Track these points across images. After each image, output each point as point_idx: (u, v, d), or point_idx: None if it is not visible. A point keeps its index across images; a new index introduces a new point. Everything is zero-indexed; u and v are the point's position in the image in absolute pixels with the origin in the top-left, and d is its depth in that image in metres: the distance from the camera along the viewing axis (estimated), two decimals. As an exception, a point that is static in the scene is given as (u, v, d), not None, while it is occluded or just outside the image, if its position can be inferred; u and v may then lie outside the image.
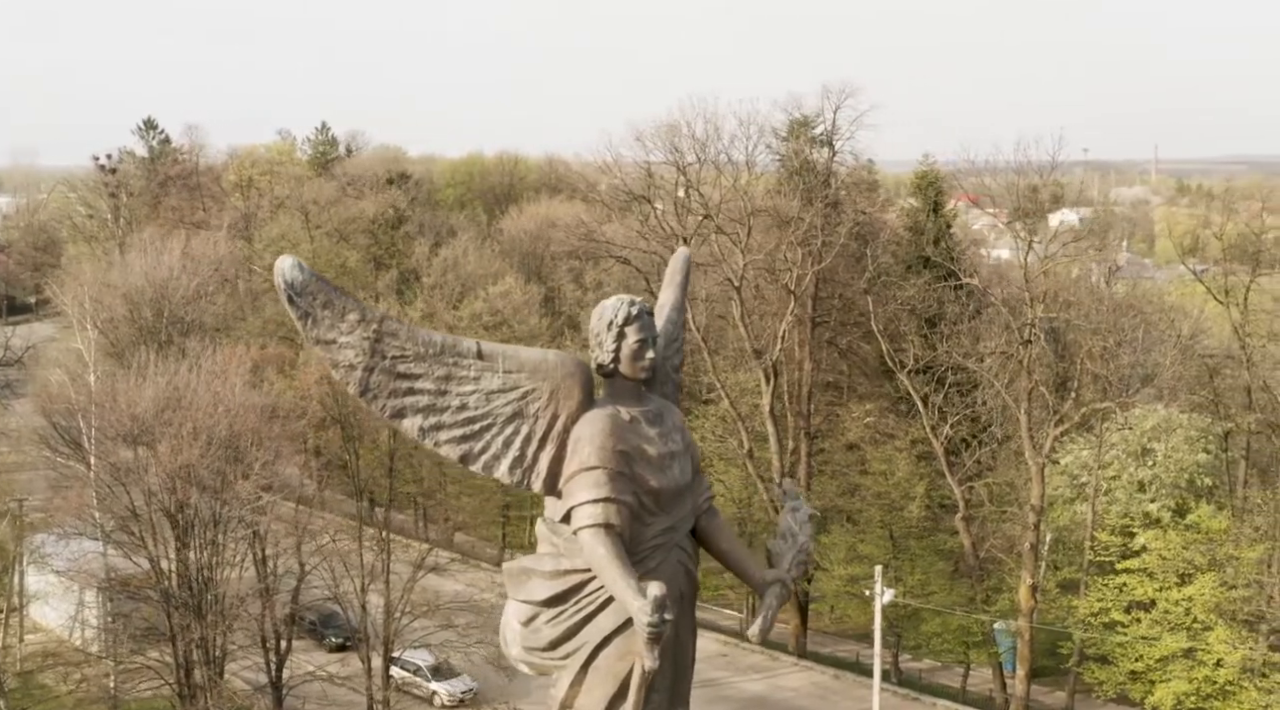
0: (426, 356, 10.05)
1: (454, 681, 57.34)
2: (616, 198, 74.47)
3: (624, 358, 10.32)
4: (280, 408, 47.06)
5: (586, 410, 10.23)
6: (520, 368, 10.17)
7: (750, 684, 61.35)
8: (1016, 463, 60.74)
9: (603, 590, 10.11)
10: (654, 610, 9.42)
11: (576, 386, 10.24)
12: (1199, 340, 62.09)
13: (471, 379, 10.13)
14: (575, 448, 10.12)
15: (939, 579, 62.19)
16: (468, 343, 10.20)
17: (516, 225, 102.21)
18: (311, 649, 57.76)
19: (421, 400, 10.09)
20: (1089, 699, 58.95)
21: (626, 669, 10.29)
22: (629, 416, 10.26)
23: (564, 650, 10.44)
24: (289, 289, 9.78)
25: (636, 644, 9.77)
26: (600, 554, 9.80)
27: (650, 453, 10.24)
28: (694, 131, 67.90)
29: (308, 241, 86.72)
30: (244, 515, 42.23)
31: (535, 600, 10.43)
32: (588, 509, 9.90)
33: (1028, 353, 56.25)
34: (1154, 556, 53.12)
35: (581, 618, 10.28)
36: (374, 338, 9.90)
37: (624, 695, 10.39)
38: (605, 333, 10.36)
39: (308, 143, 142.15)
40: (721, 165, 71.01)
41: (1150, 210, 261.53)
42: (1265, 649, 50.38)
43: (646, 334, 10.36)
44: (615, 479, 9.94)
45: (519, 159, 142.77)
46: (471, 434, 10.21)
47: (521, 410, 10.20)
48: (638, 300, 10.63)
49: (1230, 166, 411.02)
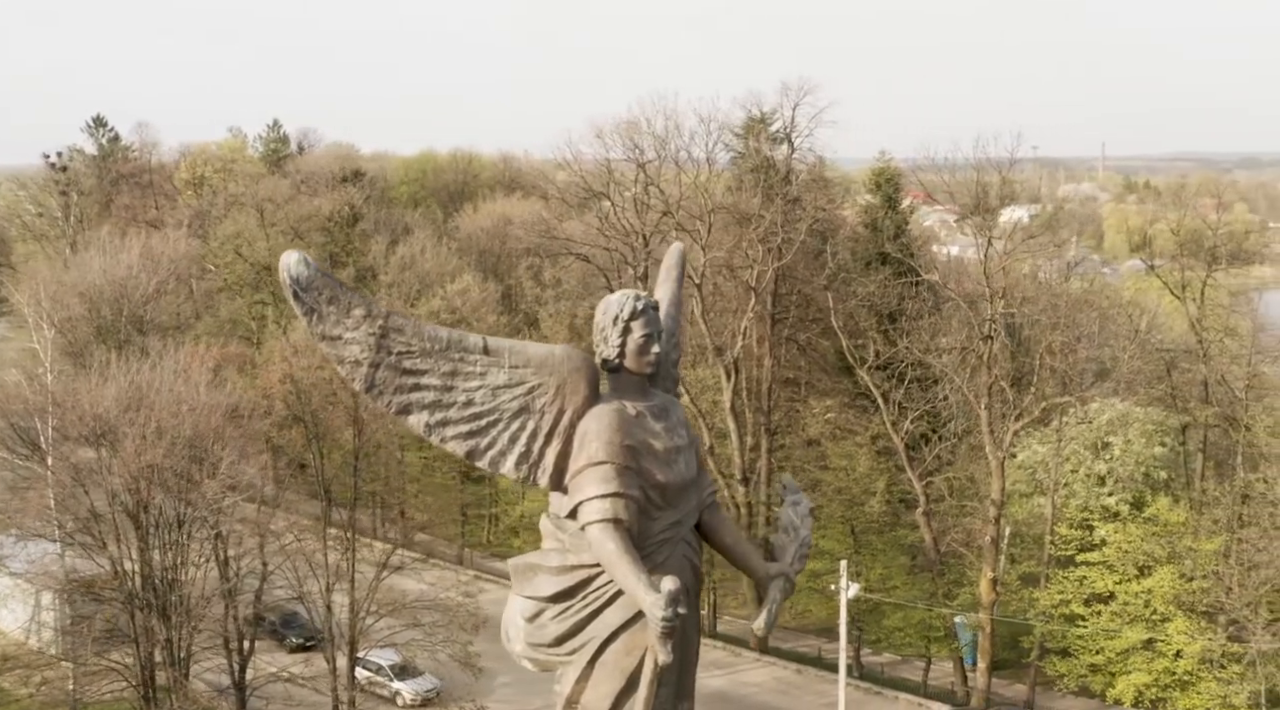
0: (432, 352, 9.99)
1: (417, 681, 57.10)
2: (575, 194, 74.32)
3: (629, 352, 10.31)
4: (242, 407, 46.68)
5: (592, 405, 10.20)
6: (526, 363, 10.13)
7: (712, 680, 61.30)
8: (976, 457, 61.13)
9: (610, 585, 10.10)
10: (668, 604, 9.42)
11: (582, 381, 10.21)
12: (1155, 335, 62.67)
13: (478, 374, 10.09)
14: (582, 443, 10.10)
15: (900, 574, 62.55)
16: (474, 338, 10.15)
17: (473, 223, 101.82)
18: (272, 650, 57.35)
19: (428, 396, 10.04)
20: (1050, 692, 59.42)
21: (634, 664, 10.29)
22: (635, 411, 10.24)
23: (570, 646, 10.43)
24: (294, 284, 9.69)
25: (650, 638, 9.77)
26: (610, 549, 9.78)
27: (657, 447, 10.23)
28: (654, 128, 68.00)
29: (264, 240, 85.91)
30: (208, 515, 41.85)
31: (541, 596, 10.40)
32: (596, 504, 9.88)
33: (988, 348, 56.62)
34: (1114, 549, 53.60)
35: (588, 613, 10.26)
36: (380, 333, 9.83)
37: (631, 690, 10.38)
38: (611, 327, 10.34)
39: (259, 140, 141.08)
40: (682, 162, 71.08)
41: (1099, 207, 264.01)
42: (1224, 640, 50.96)
43: (652, 328, 10.34)
44: (623, 474, 9.92)
45: (473, 156, 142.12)
46: (478, 430, 10.18)
47: (528, 406, 10.16)
48: (643, 295, 10.61)
49: (1176, 163, 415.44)
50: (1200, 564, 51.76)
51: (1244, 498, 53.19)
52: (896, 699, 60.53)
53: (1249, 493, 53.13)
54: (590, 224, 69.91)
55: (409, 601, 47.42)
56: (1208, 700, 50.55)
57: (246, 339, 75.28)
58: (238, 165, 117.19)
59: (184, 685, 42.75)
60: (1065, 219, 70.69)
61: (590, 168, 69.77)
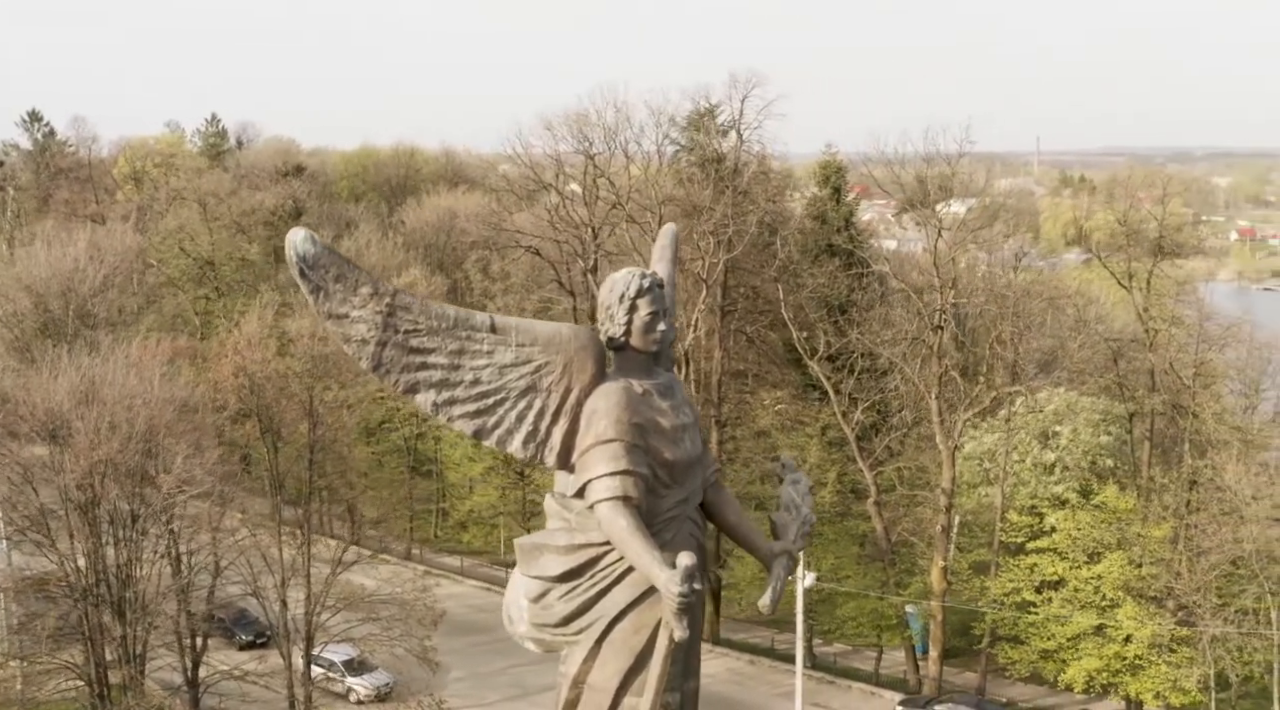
0: (439, 330, 9.86)
1: (370, 676, 56.80)
2: (524, 186, 74.01)
3: (635, 330, 10.24)
4: (194, 401, 46.16)
5: (599, 383, 10.12)
6: (534, 341, 10.04)
7: (666, 672, 61.40)
8: (926, 447, 61.55)
9: (618, 564, 10.04)
10: (683, 580, 9.37)
11: (590, 359, 10.13)
12: (1101, 325, 63.33)
13: (485, 353, 9.97)
14: (590, 421, 10.01)
15: (852, 564, 62.85)
16: (481, 316, 10.04)
17: (418, 217, 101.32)
18: (222, 647, 56.86)
19: (435, 375, 9.91)
20: (1001, 679, 59.98)
21: (642, 642, 10.23)
22: (642, 389, 10.18)
23: (577, 626, 10.33)
24: (301, 262, 9.54)
25: (665, 615, 9.70)
26: (621, 526, 9.71)
27: (664, 425, 10.17)
28: (604, 120, 67.83)
29: (207, 234, 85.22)
30: (162, 510, 41.33)
31: (548, 575, 10.30)
32: (605, 482, 9.80)
33: (938, 338, 57.00)
34: (1064, 536, 54.12)
35: (596, 592, 10.18)
36: (387, 311, 9.69)
37: (639, 669, 10.31)
38: (617, 305, 10.27)
39: (198, 135, 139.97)
40: (631, 154, 70.98)
41: (1035, 201, 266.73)
42: (1173, 624, 51.61)
43: (658, 306, 10.30)
44: (632, 451, 9.85)
45: (415, 151, 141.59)
46: (485, 409, 10.06)
47: (535, 384, 10.06)
48: (649, 272, 10.58)
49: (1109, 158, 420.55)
50: (1149, 550, 52.39)
51: (1192, 484, 53.91)
52: (850, 688, 60.91)
53: (1197, 479, 53.86)
54: (540, 216, 69.62)
55: (367, 596, 47.04)
56: (1158, 684, 51.18)
57: (190, 334, 74.41)
58: (178, 160, 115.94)
59: (140, 683, 42.20)
60: (1003, 213, 71.09)
61: (540, 160, 69.49)
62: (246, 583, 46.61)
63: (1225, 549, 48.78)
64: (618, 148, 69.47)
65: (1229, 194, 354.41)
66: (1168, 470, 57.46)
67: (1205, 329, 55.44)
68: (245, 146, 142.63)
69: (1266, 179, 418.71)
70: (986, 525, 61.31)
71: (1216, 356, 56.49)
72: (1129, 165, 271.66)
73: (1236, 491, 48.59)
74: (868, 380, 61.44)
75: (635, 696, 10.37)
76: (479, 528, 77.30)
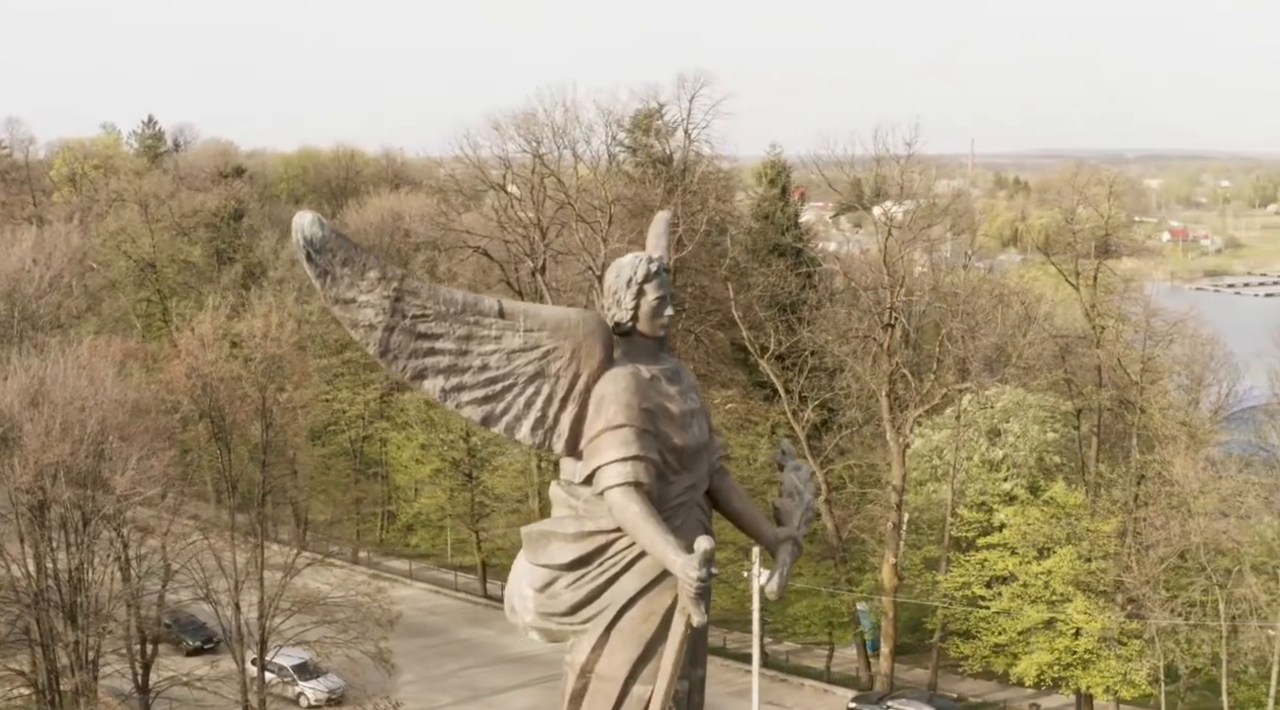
0: (447, 315, 9.72)
1: (321, 680, 56.32)
2: (472, 186, 73.68)
3: (643, 315, 10.17)
4: (145, 402, 45.52)
5: (607, 369, 10.03)
6: (542, 326, 9.92)
7: (618, 672, 61.27)
8: (876, 445, 61.85)
9: (627, 551, 9.97)
10: (701, 565, 9.34)
11: (598, 345, 10.02)
12: (1048, 322, 63.91)
13: (493, 338, 9.84)
14: (599, 406, 9.91)
15: (804, 561, 62.94)
16: (489, 301, 9.90)
17: (361, 218, 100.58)
18: (169, 653, 56.14)
19: (443, 361, 9.76)
20: (953, 675, 60.38)
21: (651, 630, 10.17)
22: (650, 375, 10.10)
23: (585, 614, 10.23)
24: (308, 245, 9.33)
25: (682, 600, 9.65)
26: (634, 512, 9.64)
27: (673, 410, 10.11)
28: (553, 119, 67.62)
29: (149, 236, 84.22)
30: (116, 513, 40.72)
31: (556, 564, 10.19)
32: (616, 467, 9.71)
33: (889, 336, 57.30)
34: (1014, 532, 54.53)
35: (605, 580, 10.09)
36: (394, 296, 9.53)
37: (648, 657, 10.25)
38: (624, 290, 10.18)
39: (134, 136, 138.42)
40: (580, 153, 70.91)
41: (970, 202, 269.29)
42: (1123, 618, 52.16)
43: (665, 291, 10.23)
44: (642, 437, 9.78)
45: (355, 153, 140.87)
46: (493, 395, 9.92)
47: (543, 370, 9.94)
48: (655, 257, 10.49)
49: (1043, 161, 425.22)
50: (1098, 544, 52.90)
51: (1140, 478, 54.53)
52: (802, 686, 61.09)
53: (1145, 473, 54.47)
54: (489, 217, 69.22)
55: (322, 599, 46.57)
56: (1108, 677, 51.70)
57: (132, 337, 73.40)
58: (115, 161, 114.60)
59: (93, 690, 41.54)
60: (942, 215, 71.71)
61: (488, 161, 69.07)
62: (198, 587, 46.01)
63: (1173, 542, 49.34)
64: (566, 147, 69.37)
65: (1160, 196, 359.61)
66: (1115, 466, 58.13)
67: (1152, 325, 56.12)
68: (183, 148, 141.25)
69: (1197, 181, 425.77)
70: (937, 522, 61.73)
71: (1163, 353, 57.19)
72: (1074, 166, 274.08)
73: (1184, 485, 49.16)
74: (818, 378, 61.65)
75: (644, 685, 10.30)
76: (426, 530, 76.92)
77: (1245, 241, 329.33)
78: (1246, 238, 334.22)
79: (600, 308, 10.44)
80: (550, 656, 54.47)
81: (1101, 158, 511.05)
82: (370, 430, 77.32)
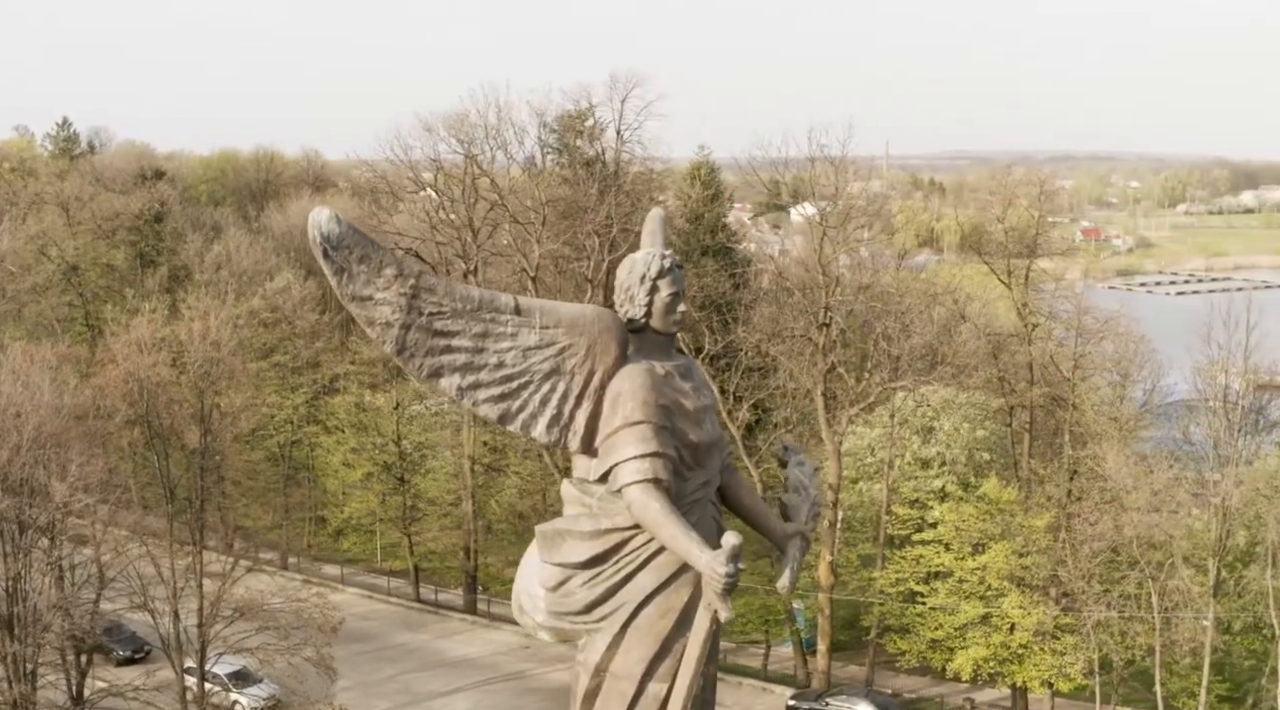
0: (464, 313, 9.62)
1: (257, 688, 55.64)
2: (402, 186, 73.13)
3: (656, 311, 10.13)
4: (83, 408, 44.70)
5: (621, 366, 9.98)
6: (557, 323, 9.86)
7: (557, 674, 61.08)
8: (812, 443, 62.13)
9: (644, 548, 9.94)
10: (729, 560, 9.34)
11: (613, 341, 9.98)
12: (982, 320, 64.68)
13: (509, 335, 9.77)
14: (616, 403, 9.85)
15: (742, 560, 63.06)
16: (505, 298, 9.83)
17: (284, 220, 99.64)
18: (99, 664, 55.12)
19: (459, 359, 9.68)
20: (889, 670, 60.88)
21: (668, 627, 10.13)
22: (664, 371, 10.07)
23: (600, 612, 10.16)
24: (325, 242, 9.20)
25: (709, 596, 9.60)
26: (655, 509, 9.59)
27: (688, 406, 10.09)
28: (485, 120, 67.23)
29: (70, 239, 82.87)
30: (52, 523, 39.92)
31: (572, 562, 10.12)
32: (634, 464, 9.66)
33: (824, 335, 57.63)
34: (948, 528, 55.10)
35: (622, 577, 10.04)
36: (411, 293, 9.43)
37: (664, 654, 10.21)
38: (637, 286, 10.15)
39: (49, 139, 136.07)
40: (513, 154, 70.65)
41: (886, 203, 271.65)
42: (1057, 612, 52.88)
43: (678, 287, 10.20)
44: (660, 433, 9.74)
45: (275, 155, 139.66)
46: (509, 393, 9.85)
47: (559, 367, 9.89)
48: (668, 253, 10.45)
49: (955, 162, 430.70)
50: (1032, 540, 53.57)
51: (1072, 474, 55.30)
52: (740, 685, 61.20)
53: (1077, 469, 55.24)
54: (421, 218, 68.70)
55: (263, 606, 45.95)
56: (1044, 671, 52.37)
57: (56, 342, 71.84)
58: (30, 163, 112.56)
59: (32, 701, 40.70)
60: (873, 215, 72.36)
61: (420, 162, 68.50)
62: (135, 595, 45.25)
63: (1106, 537, 50.05)
64: (499, 148, 69.02)
65: (1072, 196, 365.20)
66: (1047, 462, 58.94)
67: (1084, 323, 56.95)
68: (98, 151, 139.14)
69: (1107, 181, 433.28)
70: (871, 519, 62.19)
71: (1095, 350, 58.05)
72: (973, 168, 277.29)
73: (1117, 480, 49.91)
74: (751, 378, 61.85)
75: (660, 682, 10.26)
76: (357, 535, 76.27)
77: (1155, 241, 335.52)
78: (1156, 237, 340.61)
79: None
80: (488, 660, 54.42)
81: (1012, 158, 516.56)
82: (298, 435, 76.54)
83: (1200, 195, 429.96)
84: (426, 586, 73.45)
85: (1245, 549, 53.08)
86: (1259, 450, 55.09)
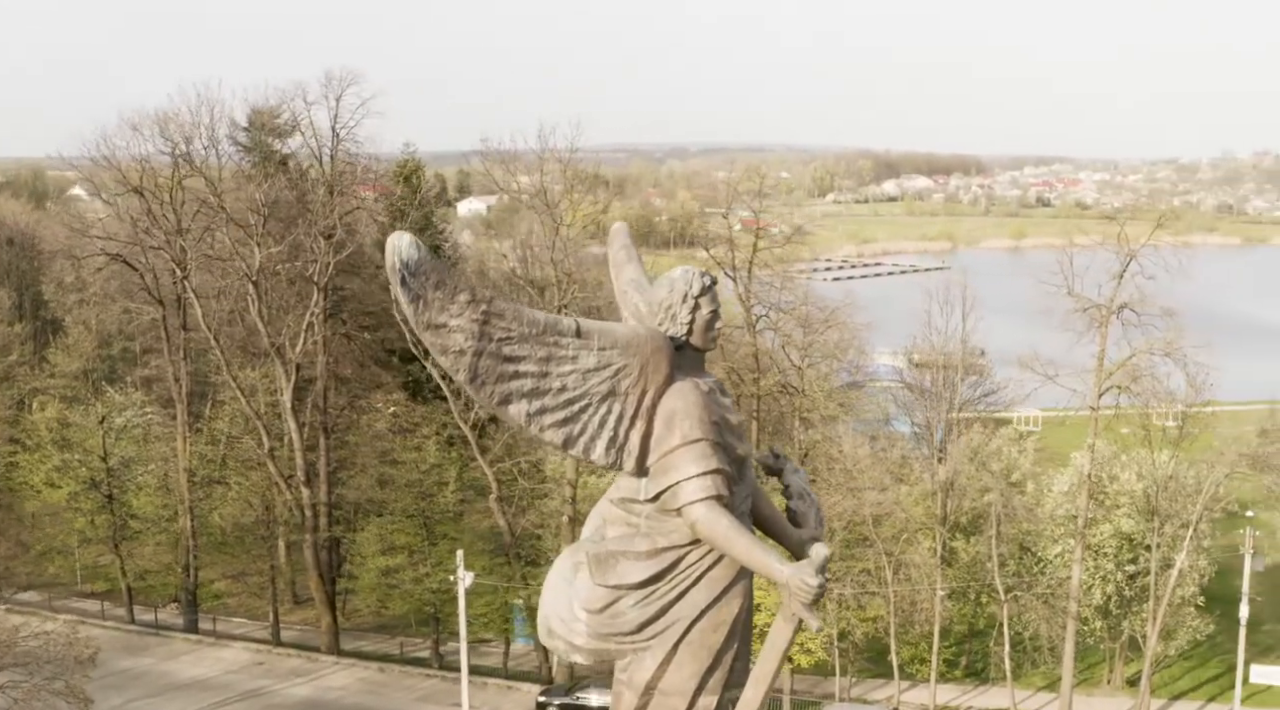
0: (530, 337, 9.52)
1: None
2: (109, 190, 69.34)
3: (697, 329, 10.25)
4: None
5: (670, 384, 10.08)
6: (614, 344, 9.87)
7: (295, 688, 59.61)
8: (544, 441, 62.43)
9: (699, 564, 10.06)
10: (818, 571, 9.57)
11: (664, 361, 10.05)
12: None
13: (570, 358, 9.72)
14: (670, 422, 9.92)
15: (478, 559, 63.02)
16: (567, 321, 9.78)
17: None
18: None
19: (526, 384, 9.57)
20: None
21: (720, 640, 10.31)
22: (707, 388, 10.22)
23: (651, 631, 10.21)
24: (404, 269, 8.93)
25: (795, 607, 9.79)
26: (725, 524, 9.72)
27: (732, 421, 10.29)
28: (199, 118, 64.47)
29: None
30: None
31: (628, 583, 10.13)
32: (697, 482, 9.75)
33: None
34: (687, 515, 56.23)
35: (676, 595, 10.11)
36: (483, 319, 9.26)
37: (715, 667, 10.39)
38: (679, 305, 10.23)
39: None
40: (225, 153, 68.09)
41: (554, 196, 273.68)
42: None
43: (717, 304, 10.36)
44: (717, 450, 9.89)
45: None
46: (571, 417, 9.81)
47: (614, 388, 9.89)
48: (705, 271, 10.58)
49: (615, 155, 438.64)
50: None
51: (805, 455, 57.43)
52: (485, 685, 61.05)
53: (809, 451, 57.42)
54: (137, 222, 65.24)
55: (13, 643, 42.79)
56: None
57: None
58: None
59: None
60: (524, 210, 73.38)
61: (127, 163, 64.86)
62: None
63: (845, 517, 52.24)
64: (210, 147, 66.22)
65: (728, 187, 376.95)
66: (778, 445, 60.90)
67: (808, 313, 59.23)
68: None
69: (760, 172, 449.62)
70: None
71: (820, 339, 60.41)
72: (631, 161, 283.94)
73: (854, 460, 52.18)
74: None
75: (710, 695, 10.42)
76: (63, 557, 72.19)
77: (809, 229, 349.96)
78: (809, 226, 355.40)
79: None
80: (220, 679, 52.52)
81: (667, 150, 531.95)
82: (-7, 454, 71.94)
83: (847, 184, 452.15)
84: (141, 607, 70.08)
85: (969, 520, 56.27)
86: (970, 426, 58.53)
